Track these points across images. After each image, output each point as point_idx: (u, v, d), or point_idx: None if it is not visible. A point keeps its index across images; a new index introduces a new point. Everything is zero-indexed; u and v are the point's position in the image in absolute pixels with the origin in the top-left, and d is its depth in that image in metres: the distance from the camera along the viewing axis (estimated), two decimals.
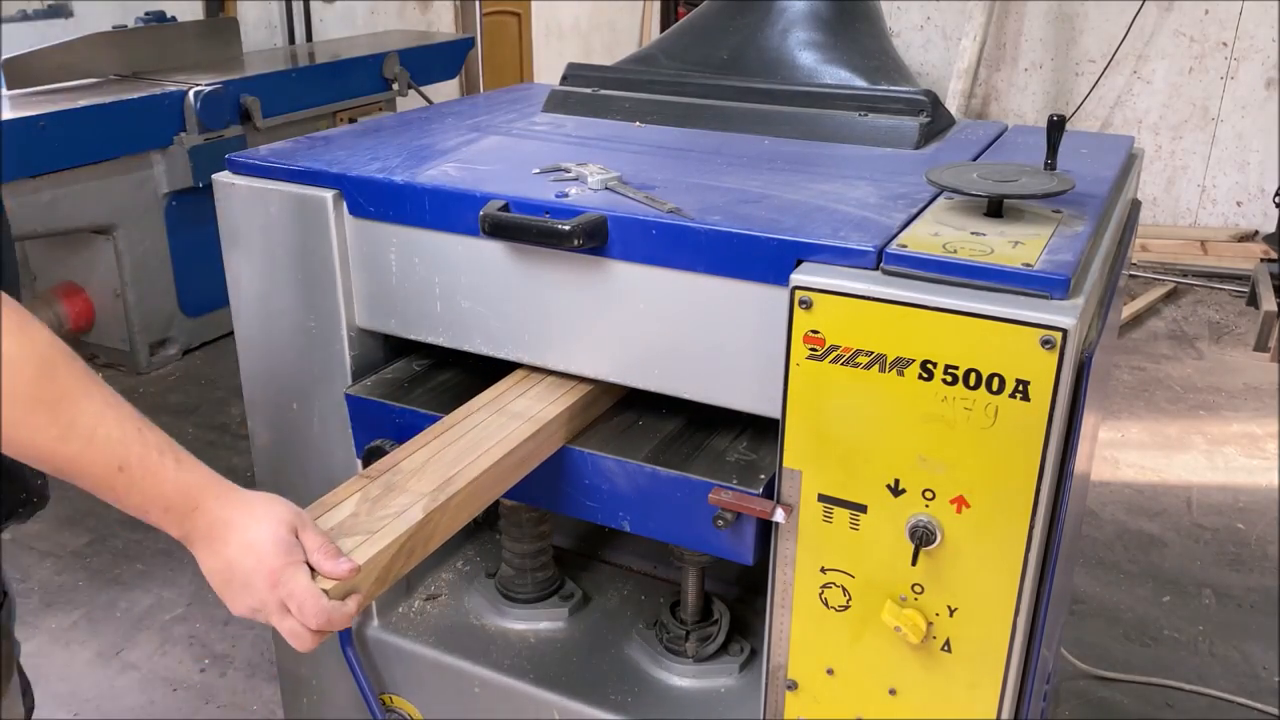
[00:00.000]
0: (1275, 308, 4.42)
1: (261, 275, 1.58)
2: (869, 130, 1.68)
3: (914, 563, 1.23)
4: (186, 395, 3.90)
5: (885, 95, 1.71)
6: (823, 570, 1.29)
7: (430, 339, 1.53)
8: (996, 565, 1.19)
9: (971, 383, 1.13)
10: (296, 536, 1.07)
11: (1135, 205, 1.77)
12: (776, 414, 1.26)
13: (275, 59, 4.81)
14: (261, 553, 1.03)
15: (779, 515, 1.28)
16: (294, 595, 1.03)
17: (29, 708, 1.28)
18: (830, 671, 1.34)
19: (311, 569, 1.07)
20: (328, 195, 1.49)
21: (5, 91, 3.73)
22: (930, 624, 1.24)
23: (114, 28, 4.33)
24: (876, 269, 1.19)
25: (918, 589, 1.24)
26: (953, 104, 5.45)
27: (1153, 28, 5.59)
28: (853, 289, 1.16)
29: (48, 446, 0.95)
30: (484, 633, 1.77)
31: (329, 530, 1.15)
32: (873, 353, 1.17)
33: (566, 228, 1.30)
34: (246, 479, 3.33)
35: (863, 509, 1.24)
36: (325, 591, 1.05)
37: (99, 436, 0.97)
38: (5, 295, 0.93)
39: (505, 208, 1.37)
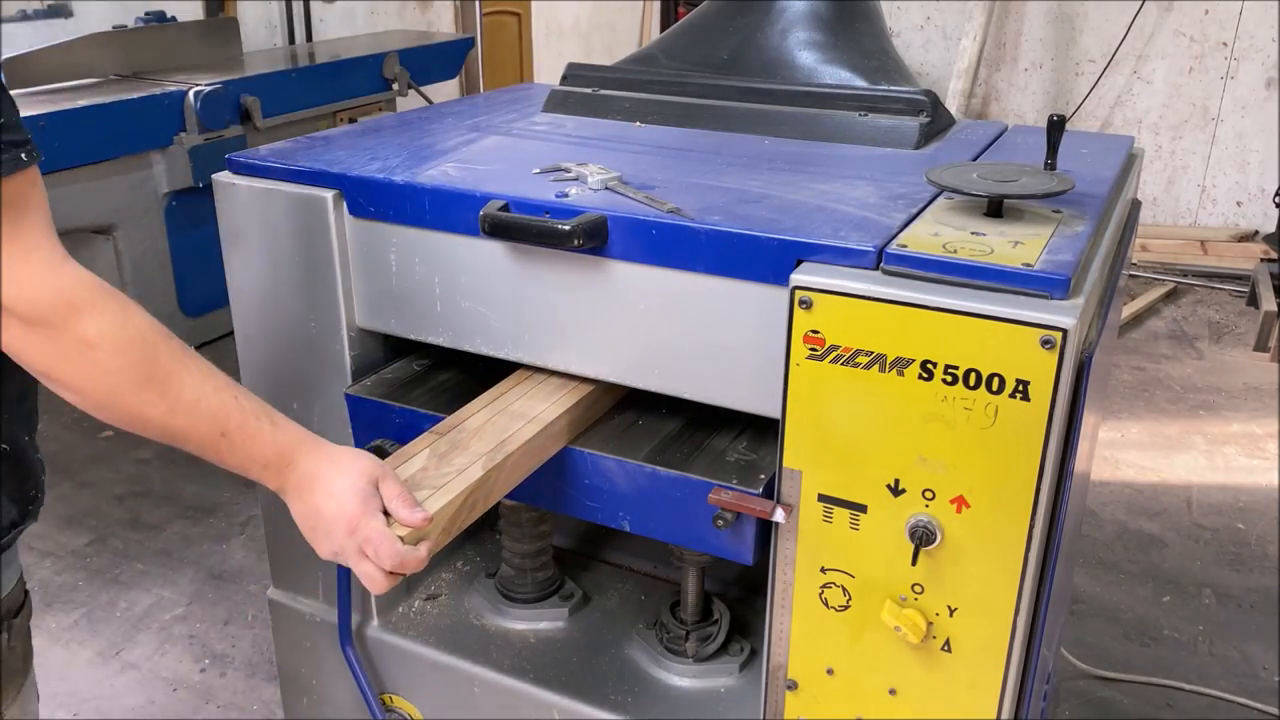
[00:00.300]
0: (1275, 308, 4.42)
1: (261, 275, 1.58)
2: (869, 130, 1.68)
3: (914, 563, 1.23)
4: None
5: (885, 95, 1.71)
6: (823, 570, 1.29)
7: (430, 339, 1.53)
8: (996, 565, 1.19)
9: (971, 383, 1.13)
10: (376, 487, 1.16)
11: (1135, 205, 1.77)
12: (776, 414, 1.26)
13: (275, 59, 4.81)
14: (342, 501, 1.13)
15: (779, 515, 1.28)
16: (370, 540, 1.12)
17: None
18: (830, 671, 1.34)
19: (388, 516, 1.15)
20: (328, 195, 1.49)
21: None
22: (930, 624, 1.24)
23: (114, 28, 4.33)
24: (876, 269, 1.19)
25: (918, 589, 1.24)
26: (953, 104, 5.45)
27: (1153, 28, 5.59)
28: (853, 289, 1.16)
29: (159, 420, 1.05)
30: (484, 633, 1.77)
31: (404, 481, 1.23)
32: (873, 353, 1.17)
33: (566, 228, 1.30)
34: (247, 478, 3.29)
35: (863, 509, 1.24)
36: (400, 538, 1.14)
37: (202, 408, 1.07)
38: (104, 282, 1.01)
39: (505, 208, 1.37)
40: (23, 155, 0.95)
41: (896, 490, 1.21)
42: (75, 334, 0.97)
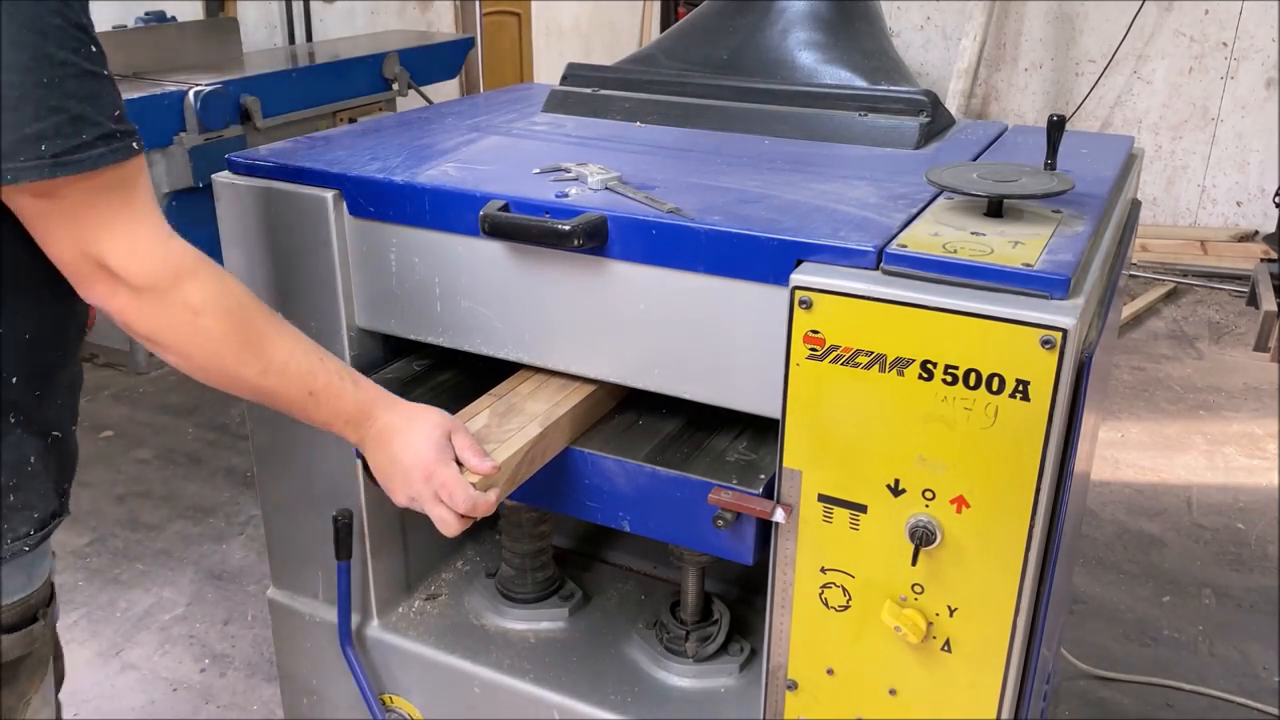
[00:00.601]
0: (1275, 308, 4.42)
1: (261, 275, 1.58)
2: (869, 130, 1.68)
3: (914, 563, 1.23)
4: (186, 395, 3.90)
5: (885, 95, 1.71)
6: (823, 570, 1.29)
7: (430, 339, 1.53)
8: (996, 565, 1.19)
9: (971, 383, 1.13)
10: (449, 439, 1.26)
11: (1135, 205, 1.77)
12: (776, 414, 1.26)
13: (275, 59, 4.81)
14: (418, 450, 1.23)
15: (779, 515, 1.28)
16: (445, 486, 1.22)
17: (59, 675, 1.31)
18: (830, 671, 1.34)
19: (460, 465, 1.25)
20: (328, 195, 1.49)
21: None
22: (930, 624, 1.24)
23: (114, 28, 4.33)
24: (876, 269, 1.19)
25: (918, 589, 1.24)
26: (953, 104, 5.45)
27: (1153, 28, 5.59)
28: (853, 289, 1.16)
29: (253, 380, 1.15)
30: (484, 633, 1.77)
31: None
32: (873, 353, 1.17)
33: (566, 228, 1.30)
34: (247, 478, 3.32)
35: (863, 509, 1.24)
36: (471, 484, 1.24)
37: (292, 369, 1.17)
38: (204, 254, 1.11)
39: (505, 208, 1.37)
40: (133, 144, 1.04)
41: (896, 490, 1.21)
42: (181, 300, 1.07)
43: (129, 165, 1.03)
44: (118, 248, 1.03)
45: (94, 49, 1.01)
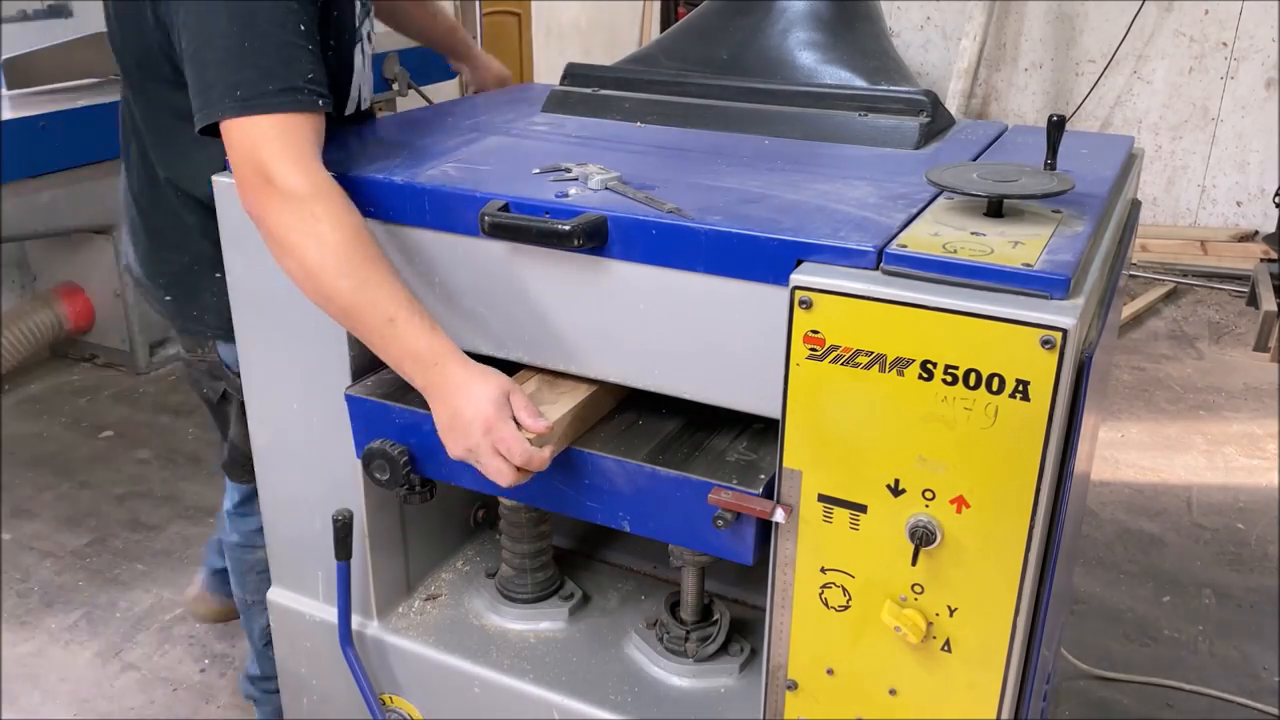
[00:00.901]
0: (1275, 308, 4.42)
1: (262, 275, 1.58)
2: (869, 130, 1.68)
3: (914, 563, 1.23)
4: (187, 395, 3.90)
5: (885, 95, 1.71)
6: (823, 570, 1.29)
7: None
8: (996, 565, 1.19)
9: (971, 383, 1.13)
10: (508, 399, 1.35)
11: (1135, 205, 1.77)
12: (776, 414, 1.26)
13: None
14: (479, 405, 1.33)
15: (779, 515, 1.28)
16: (503, 439, 1.32)
17: None
18: (830, 671, 1.34)
19: (516, 423, 1.35)
20: None
21: (5, 91, 3.72)
22: (930, 624, 1.24)
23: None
24: (876, 269, 1.19)
25: (918, 589, 1.24)
26: (953, 104, 5.45)
27: (1153, 28, 5.59)
28: (853, 289, 1.16)
29: (346, 294, 1.34)
30: (484, 633, 1.77)
31: None
32: (873, 353, 1.17)
33: (566, 228, 1.30)
34: None
35: (863, 509, 1.24)
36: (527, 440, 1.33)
37: (380, 293, 1.34)
38: (339, 187, 1.37)
39: (505, 208, 1.37)
40: (313, 101, 1.39)
41: (896, 490, 1.21)
42: (309, 209, 1.33)
43: (302, 115, 1.37)
44: (279, 164, 1.34)
45: (301, 27, 1.39)
